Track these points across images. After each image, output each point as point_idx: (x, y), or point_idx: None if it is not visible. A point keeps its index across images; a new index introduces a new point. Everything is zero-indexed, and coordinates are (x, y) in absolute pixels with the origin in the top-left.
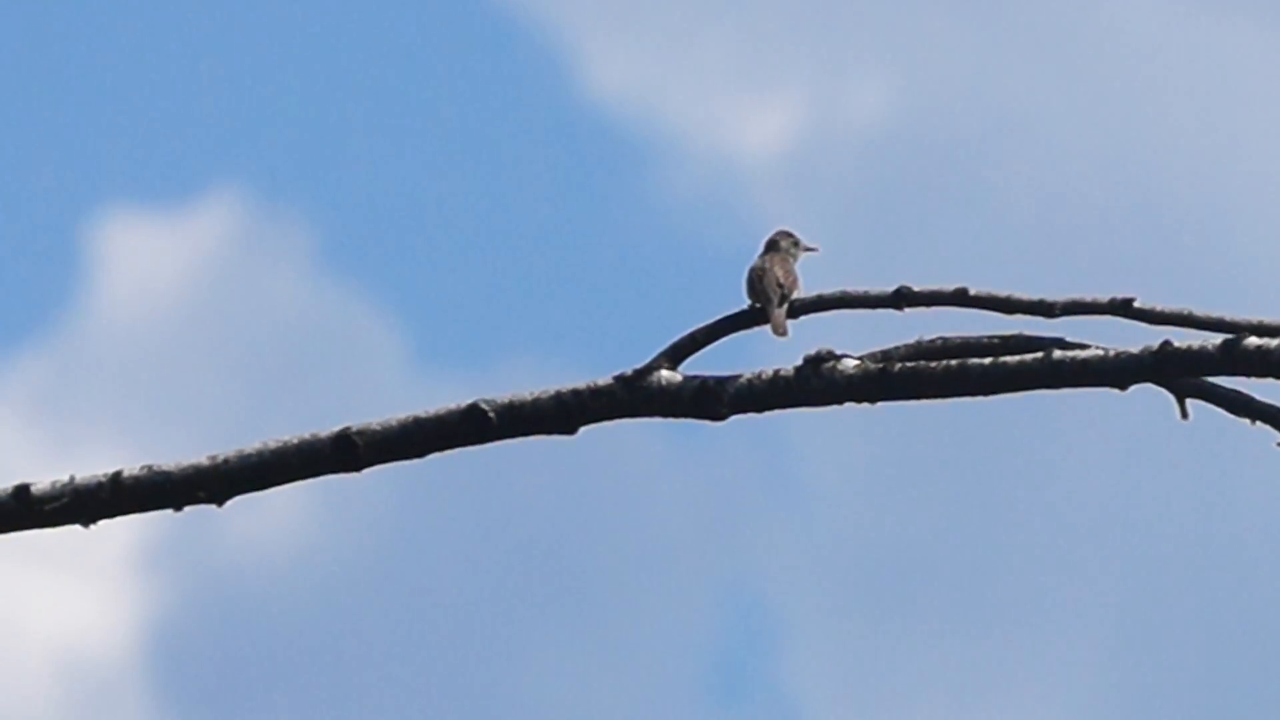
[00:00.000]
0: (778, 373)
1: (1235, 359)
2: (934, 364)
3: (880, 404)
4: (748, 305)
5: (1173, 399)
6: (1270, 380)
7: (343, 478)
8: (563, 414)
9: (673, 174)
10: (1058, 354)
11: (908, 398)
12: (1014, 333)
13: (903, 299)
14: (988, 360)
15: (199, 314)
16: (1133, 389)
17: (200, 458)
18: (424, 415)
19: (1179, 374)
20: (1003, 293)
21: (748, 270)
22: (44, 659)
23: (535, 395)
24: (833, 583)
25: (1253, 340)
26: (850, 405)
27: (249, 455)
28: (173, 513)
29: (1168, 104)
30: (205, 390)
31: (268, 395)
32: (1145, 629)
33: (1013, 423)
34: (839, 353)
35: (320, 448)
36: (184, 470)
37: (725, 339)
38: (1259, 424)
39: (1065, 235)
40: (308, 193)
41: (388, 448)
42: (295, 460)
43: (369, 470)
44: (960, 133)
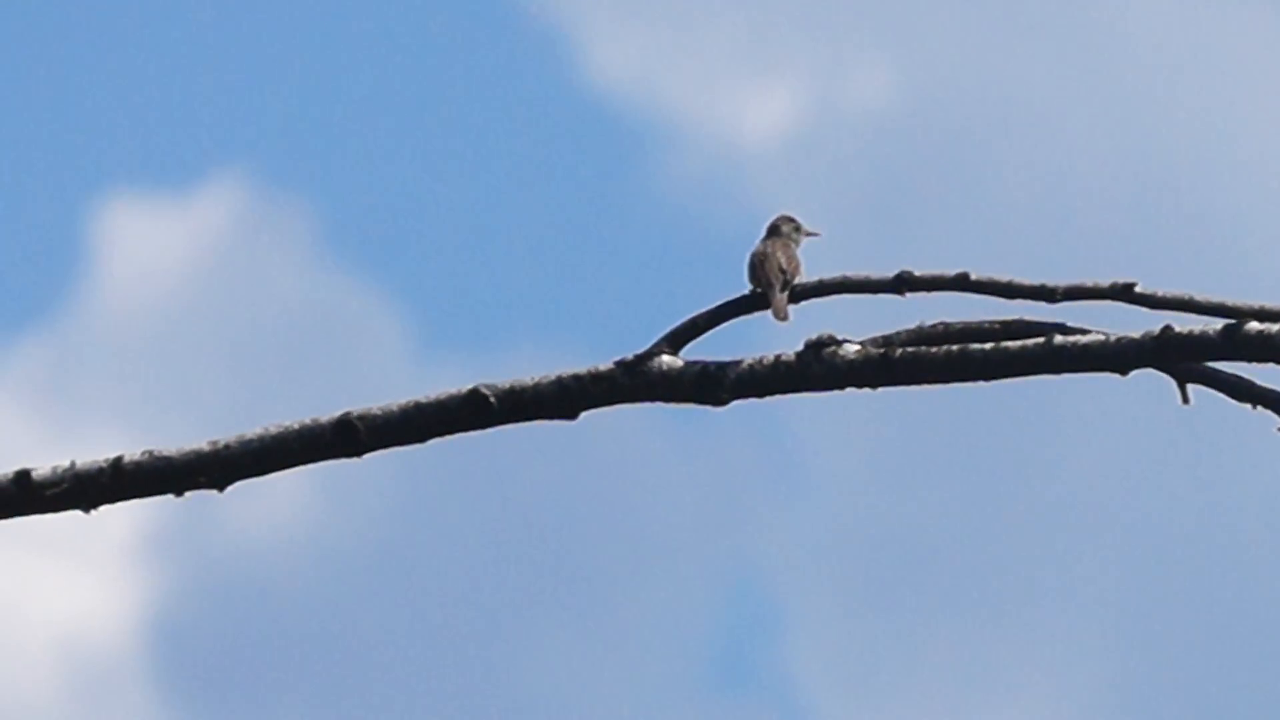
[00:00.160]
0: (779, 358)
1: (1236, 344)
2: (935, 349)
3: (881, 389)
4: (749, 290)
5: (1174, 384)
6: (1271, 365)
7: (344, 463)
8: (564, 399)
9: (675, 159)
10: (1059, 339)
11: (909, 383)
12: (1015, 318)
13: (904, 284)
14: (989, 345)
15: (201, 300)
16: (1134, 374)
17: (201, 443)
18: (425, 400)
19: (1180, 359)
20: (1004, 277)
21: (749, 255)
22: (45, 645)
23: (536, 380)
24: (834, 568)
25: (1254, 325)
26: (851, 390)
27: (250, 440)
28: (174, 498)
29: (1169, 89)
30: (207, 375)
31: (269, 381)
32: (1147, 615)
33: (1014, 408)
34: (840, 337)
35: (321, 433)
36: (185, 455)
37: (727, 324)
38: (1260, 409)
39: (1066, 220)
40: (310, 179)
41: (389, 433)
42: (296, 445)
43: (370, 455)
44: (962, 118)
